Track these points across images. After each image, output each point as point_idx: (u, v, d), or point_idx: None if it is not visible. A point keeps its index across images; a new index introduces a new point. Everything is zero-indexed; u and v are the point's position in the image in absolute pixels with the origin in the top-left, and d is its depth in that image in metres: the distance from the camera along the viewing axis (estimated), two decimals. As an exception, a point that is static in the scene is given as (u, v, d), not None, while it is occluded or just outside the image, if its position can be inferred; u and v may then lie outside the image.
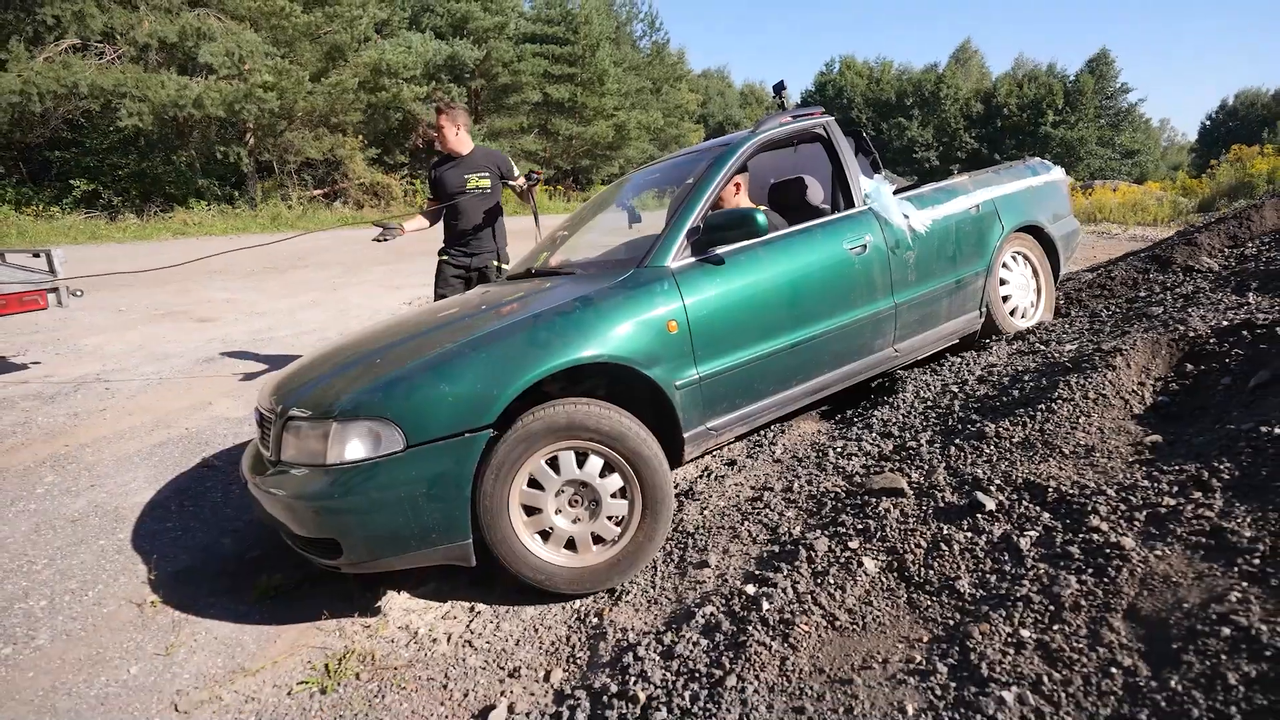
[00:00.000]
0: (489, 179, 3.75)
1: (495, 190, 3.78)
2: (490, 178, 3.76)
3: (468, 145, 3.82)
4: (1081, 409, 2.09)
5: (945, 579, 1.65)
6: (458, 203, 3.71)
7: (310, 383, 2.14)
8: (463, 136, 3.79)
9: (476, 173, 3.75)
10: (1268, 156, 13.81)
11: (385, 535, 1.87)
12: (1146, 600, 1.37)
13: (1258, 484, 1.52)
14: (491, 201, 3.78)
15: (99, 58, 14.12)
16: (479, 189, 3.74)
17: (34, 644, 2.07)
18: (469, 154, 3.80)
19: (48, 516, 2.77)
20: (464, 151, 3.79)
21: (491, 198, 3.77)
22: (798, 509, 2.23)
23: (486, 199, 3.76)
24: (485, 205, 3.76)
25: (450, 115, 3.75)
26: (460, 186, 3.74)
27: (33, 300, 4.09)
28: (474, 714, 1.75)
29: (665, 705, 1.53)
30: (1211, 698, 1.13)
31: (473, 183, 3.74)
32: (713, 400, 2.30)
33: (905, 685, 1.40)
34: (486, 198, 3.76)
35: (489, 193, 3.76)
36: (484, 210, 3.75)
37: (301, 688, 1.89)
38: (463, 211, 3.74)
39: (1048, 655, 1.34)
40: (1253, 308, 2.40)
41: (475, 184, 3.74)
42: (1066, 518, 1.66)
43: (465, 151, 3.80)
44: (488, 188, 3.76)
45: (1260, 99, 46.48)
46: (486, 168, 3.76)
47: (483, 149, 3.87)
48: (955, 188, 3.14)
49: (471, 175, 3.75)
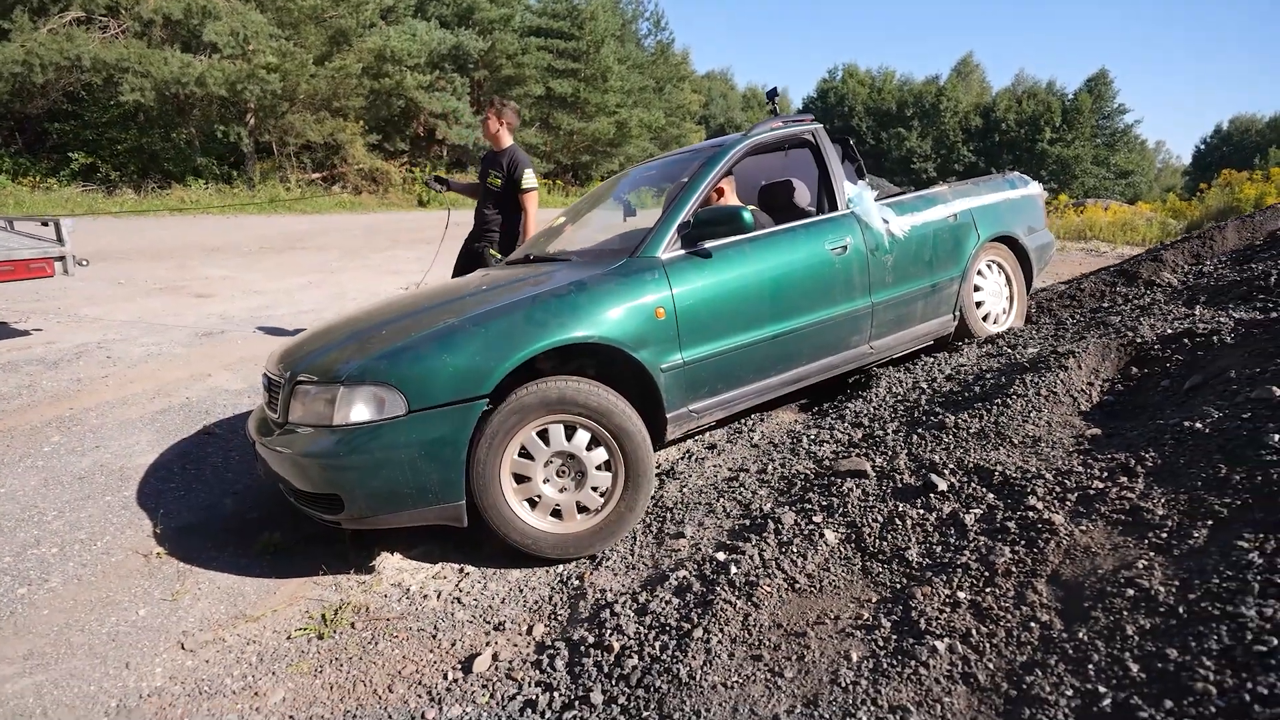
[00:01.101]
0: (501, 180, 4.01)
1: (506, 191, 4.02)
2: (502, 179, 4.01)
3: (503, 142, 4.08)
4: (1034, 404, 2.26)
5: (897, 549, 1.81)
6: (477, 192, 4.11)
7: (318, 350, 2.28)
8: (500, 133, 4.07)
9: (495, 170, 4.05)
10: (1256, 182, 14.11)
11: (385, 493, 2.02)
12: (1068, 567, 1.54)
13: (1176, 471, 1.69)
14: (503, 200, 4.04)
15: (103, 31, 14.12)
16: (493, 186, 4.05)
17: (47, 586, 2.21)
18: (500, 151, 4.08)
19: (55, 473, 2.89)
20: (499, 147, 4.09)
21: (502, 197, 4.03)
22: (770, 488, 2.39)
23: (496, 197, 4.04)
24: (494, 201, 4.04)
25: (495, 110, 4.07)
26: (483, 179, 4.13)
27: (40, 268, 4.18)
28: (460, 660, 1.89)
29: (637, 653, 1.69)
30: (1111, 646, 1.29)
31: (491, 178, 4.06)
32: (695, 384, 2.46)
33: (852, 638, 1.57)
34: (497, 196, 4.04)
35: (498, 192, 4.03)
36: (494, 205, 4.05)
37: (300, 633, 2.03)
38: (481, 202, 4.11)
39: (978, 613, 1.51)
40: (1196, 318, 2.59)
41: (492, 180, 4.05)
42: (1008, 498, 1.83)
43: (500, 147, 4.09)
44: (498, 187, 4.02)
45: (1255, 125, 47.18)
46: (503, 169, 4.01)
47: (512, 149, 4.07)
48: (935, 196, 3.31)
49: (492, 171, 4.06)
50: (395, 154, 20.26)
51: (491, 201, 4.07)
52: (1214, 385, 2.03)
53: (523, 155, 4.06)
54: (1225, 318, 2.54)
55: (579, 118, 25.50)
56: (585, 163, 26.88)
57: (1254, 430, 1.68)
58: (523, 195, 3.99)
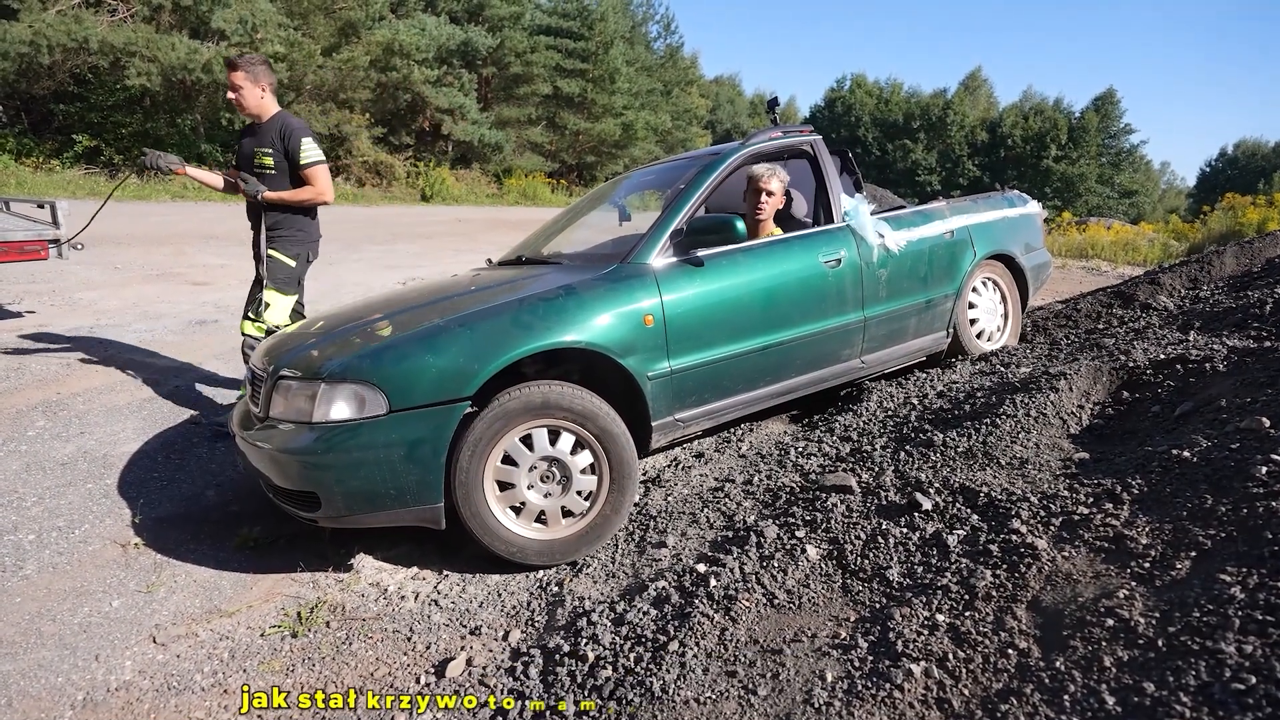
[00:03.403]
0: (274, 158, 3.02)
1: (281, 172, 3.04)
2: (275, 156, 3.02)
3: (267, 110, 3.06)
4: (1023, 425, 2.24)
5: (878, 568, 1.79)
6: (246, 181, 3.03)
7: (301, 346, 2.26)
8: (263, 99, 3.04)
9: (263, 147, 3.03)
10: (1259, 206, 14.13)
11: (362, 492, 2.00)
12: (1049, 594, 1.52)
13: (1162, 499, 1.67)
14: (278, 186, 3.05)
15: (111, 14, 14.10)
16: (264, 168, 3.04)
17: (22, 573, 2.18)
18: (265, 121, 3.06)
19: (38, 458, 2.87)
20: (262, 116, 3.06)
21: (277, 181, 3.05)
22: (755, 500, 2.37)
23: (272, 181, 3.05)
24: (270, 186, 3.04)
25: (245, 70, 2.98)
26: (247, 163, 3.09)
27: (34, 250, 4.16)
28: (434, 664, 1.87)
29: (611, 664, 1.67)
30: (1088, 677, 1.28)
31: (260, 158, 3.04)
32: (682, 393, 2.44)
33: (828, 657, 1.55)
34: (271, 180, 3.05)
35: (274, 174, 3.04)
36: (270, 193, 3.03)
37: (274, 631, 2.00)
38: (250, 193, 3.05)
39: (956, 637, 1.49)
40: (1190, 344, 2.57)
41: (262, 160, 3.04)
42: (992, 520, 1.81)
43: (263, 117, 3.06)
44: (272, 167, 3.03)
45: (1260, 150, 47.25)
46: (275, 143, 3.02)
47: (281, 117, 3.07)
48: (932, 212, 3.30)
49: (259, 150, 3.04)
50: (400, 148, 20.23)
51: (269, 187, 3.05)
52: (1204, 413, 2.01)
53: (297, 121, 3.06)
54: (1219, 345, 2.52)
55: (585, 118, 25.50)
56: (590, 163, 26.87)
57: (1242, 461, 1.66)
58: (305, 172, 3.01)
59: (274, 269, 3.10)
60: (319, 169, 3.05)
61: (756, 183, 2.95)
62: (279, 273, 3.11)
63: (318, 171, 3.05)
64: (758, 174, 2.95)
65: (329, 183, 3.09)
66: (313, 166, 3.03)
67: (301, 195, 3.06)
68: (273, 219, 3.09)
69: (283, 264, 3.11)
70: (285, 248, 3.12)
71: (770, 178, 2.94)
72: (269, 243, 3.10)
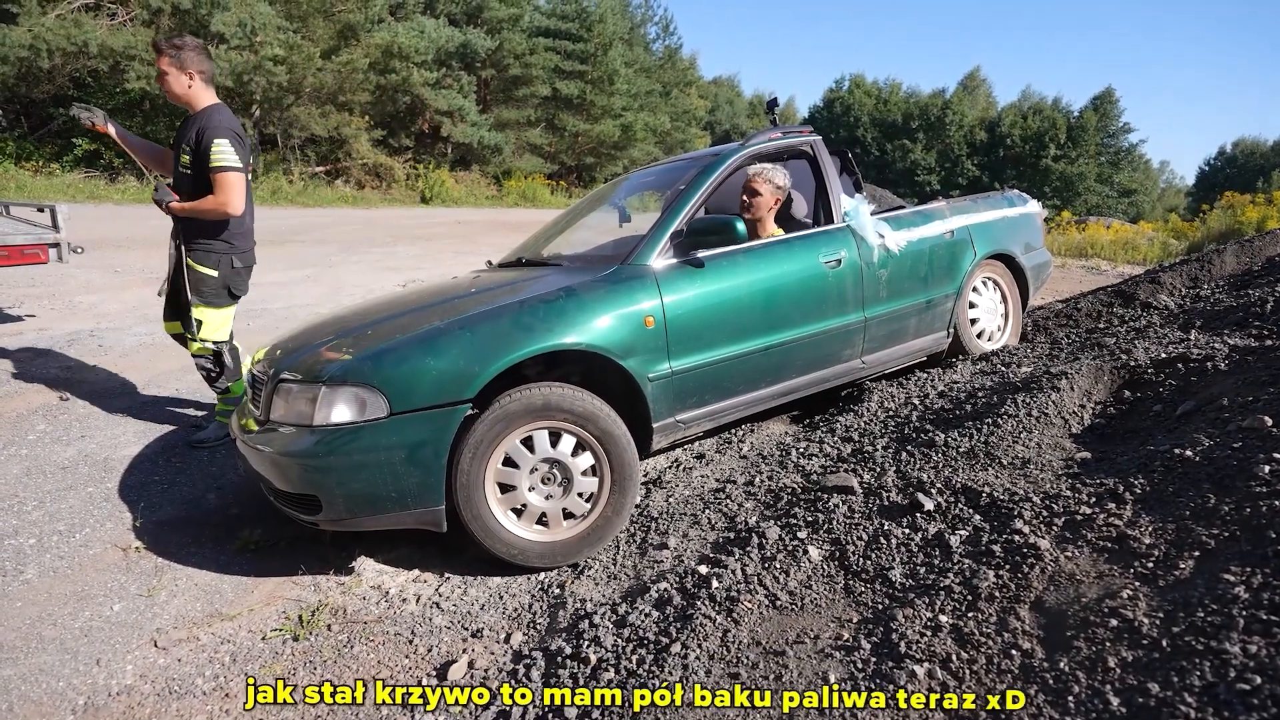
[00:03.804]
0: (190, 155, 2.76)
1: (198, 174, 2.76)
2: (191, 154, 2.76)
3: (198, 101, 2.78)
4: (1024, 425, 2.24)
5: (880, 569, 1.79)
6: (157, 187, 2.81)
7: (303, 349, 2.26)
8: (191, 87, 2.75)
9: (186, 143, 2.77)
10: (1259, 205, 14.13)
11: (363, 495, 1.99)
12: (1052, 594, 1.51)
13: (1165, 499, 1.67)
14: (195, 188, 2.77)
15: (111, 18, 14.12)
16: (183, 168, 2.80)
17: (22, 577, 2.18)
18: (195, 114, 2.79)
19: (38, 462, 2.87)
20: (194, 108, 2.79)
21: (194, 182, 2.77)
22: (756, 501, 2.36)
23: (190, 184, 2.78)
24: (188, 191, 2.79)
25: (171, 55, 2.71)
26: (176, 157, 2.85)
27: (34, 254, 4.17)
28: (436, 668, 1.87)
29: (613, 667, 1.66)
30: (1092, 677, 1.27)
31: (181, 155, 2.80)
32: (683, 394, 2.44)
33: (831, 658, 1.54)
34: (190, 182, 2.78)
35: (190, 175, 2.78)
36: (188, 196, 2.79)
37: (275, 634, 2.00)
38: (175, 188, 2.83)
39: (960, 637, 1.48)
40: (1191, 344, 2.57)
41: (181, 157, 2.80)
42: (995, 520, 1.81)
43: (195, 108, 2.79)
44: (188, 167, 2.78)
45: (1259, 149, 47.24)
46: (192, 139, 2.75)
47: (209, 112, 2.77)
48: (932, 212, 3.30)
49: (183, 145, 2.78)
50: (399, 150, 20.24)
51: (185, 190, 2.79)
52: (1206, 412, 2.01)
53: (222, 118, 2.73)
54: (1220, 344, 2.52)
55: (584, 119, 25.50)
56: (589, 164, 26.87)
57: (1244, 460, 1.66)
58: (213, 177, 2.68)
59: (195, 282, 2.82)
60: (229, 176, 2.69)
61: (747, 183, 2.96)
62: (202, 286, 2.83)
63: (226, 179, 2.69)
64: (747, 174, 2.96)
65: (238, 194, 2.72)
66: (223, 172, 2.68)
67: (201, 206, 2.74)
68: (189, 224, 2.82)
69: (204, 276, 2.83)
70: (203, 258, 2.83)
71: (758, 178, 2.94)
72: (187, 252, 2.82)
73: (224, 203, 2.71)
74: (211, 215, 2.77)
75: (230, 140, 2.70)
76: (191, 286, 2.84)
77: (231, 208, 2.72)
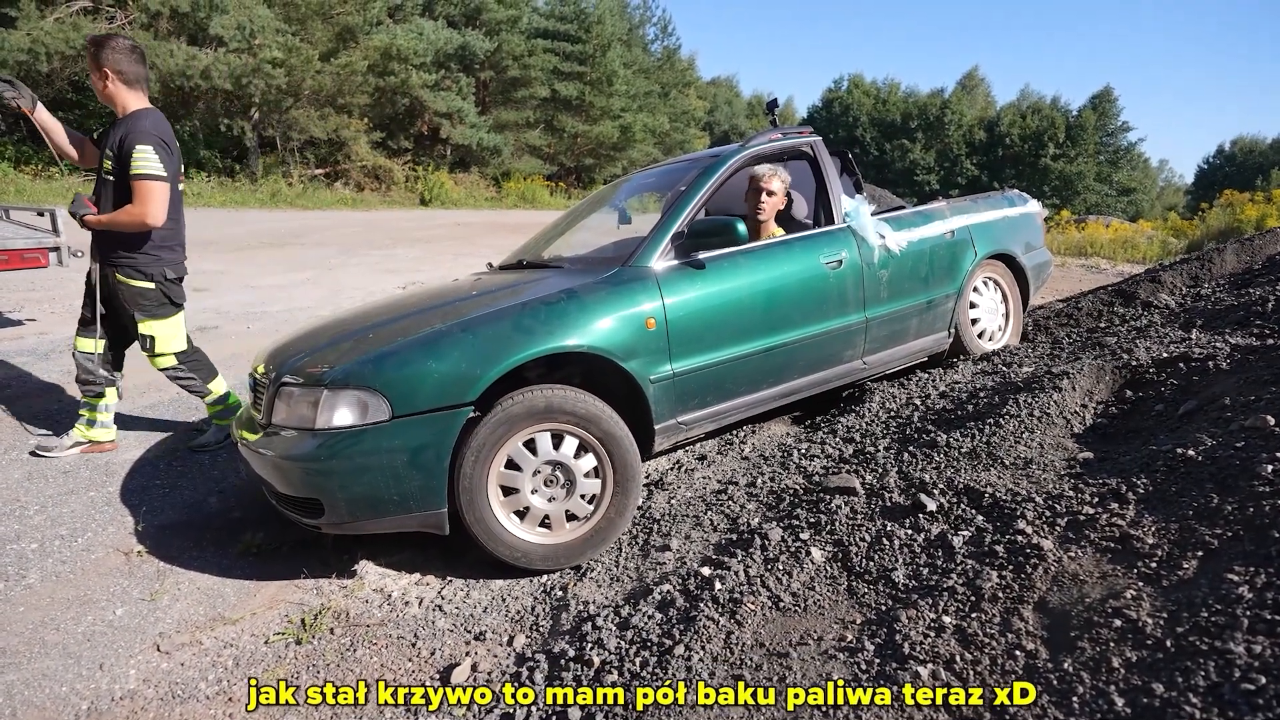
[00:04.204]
0: (111, 161, 2.63)
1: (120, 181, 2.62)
2: (114, 161, 2.62)
3: (123, 103, 2.65)
4: (1026, 425, 2.24)
5: (883, 570, 1.79)
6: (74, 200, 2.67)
7: (304, 352, 2.26)
8: (114, 89, 2.62)
9: (108, 147, 2.63)
10: (1258, 203, 14.14)
11: (366, 498, 1.99)
12: (1055, 595, 1.51)
13: (1167, 498, 1.67)
14: (117, 196, 2.65)
15: (109, 21, 14.13)
16: (105, 173, 2.66)
17: (25, 582, 2.18)
18: (123, 117, 2.65)
19: (40, 466, 2.87)
20: (122, 111, 2.65)
21: (115, 190, 2.65)
22: (758, 502, 2.36)
23: (113, 190, 2.66)
24: (111, 198, 2.66)
25: (92, 55, 2.60)
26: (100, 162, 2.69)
27: (34, 258, 4.17)
28: (439, 670, 1.87)
29: (617, 669, 1.66)
30: (1096, 678, 1.27)
31: (105, 161, 2.66)
32: (685, 396, 2.44)
33: (835, 660, 1.54)
34: (113, 189, 2.66)
35: (112, 181, 2.65)
36: (111, 204, 2.66)
37: (278, 638, 2.00)
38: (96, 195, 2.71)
39: (963, 638, 1.48)
40: (1192, 343, 2.57)
41: (103, 163, 2.67)
42: (997, 520, 1.81)
43: (124, 111, 2.65)
44: (109, 172, 2.64)
45: (1258, 147, 47.28)
46: (116, 146, 2.61)
47: (134, 117, 2.63)
48: (932, 212, 3.30)
49: (107, 150, 2.64)
50: (399, 152, 20.26)
51: (107, 199, 2.65)
52: (1208, 411, 2.01)
53: (147, 123, 2.60)
54: (1221, 343, 2.52)
55: (583, 121, 25.52)
56: (589, 166, 26.89)
57: (1247, 460, 1.66)
58: (133, 184, 2.54)
59: (133, 298, 2.73)
60: (149, 185, 2.54)
61: (757, 182, 2.96)
62: (141, 300, 2.73)
63: (146, 188, 2.54)
64: (759, 174, 2.96)
65: (158, 203, 2.56)
66: (142, 180, 2.54)
67: (119, 219, 2.59)
68: (109, 238, 2.68)
69: (140, 290, 2.72)
70: (132, 273, 2.70)
71: (771, 178, 2.94)
72: (114, 270, 2.70)
73: (142, 213, 2.56)
74: (130, 227, 2.61)
75: (154, 147, 2.56)
76: (131, 303, 2.73)
77: (150, 218, 2.57)
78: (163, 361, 2.87)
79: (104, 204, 2.67)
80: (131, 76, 2.64)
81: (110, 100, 2.65)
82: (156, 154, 2.56)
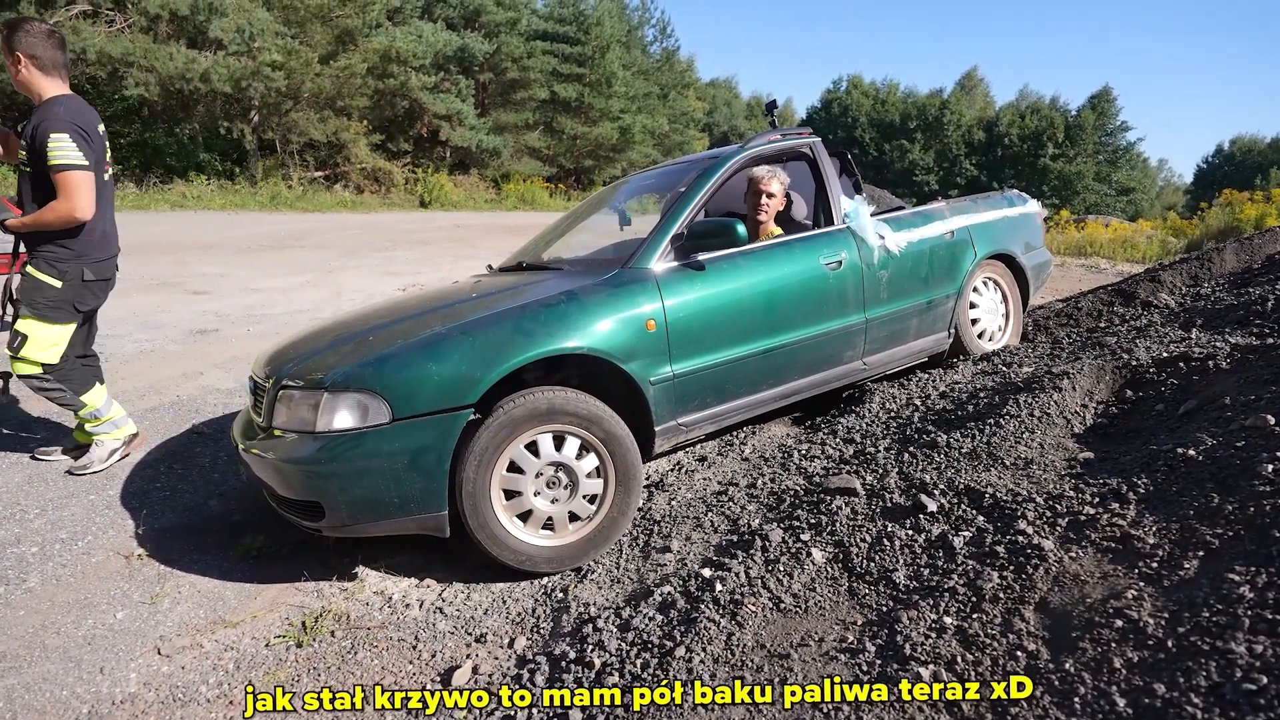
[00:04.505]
0: (28, 152, 2.47)
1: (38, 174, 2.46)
2: (29, 152, 2.46)
3: (39, 90, 2.48)
4: (1027, 425, 2.24)
5: (884, 570, 1.79)
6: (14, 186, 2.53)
7: (304, 355, 2.26)
8: (29, 76, 2.46)
9: (25, 138, 2.47)
10: (1257, 202, 14.14)
11: (366, 501, 1.99)
12: (1056, 595, 1.51)
13: (1168, 498, 1.67)
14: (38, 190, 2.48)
15: (109, 25, 14.13)
16: (23, 165, 2.50)
17: (25, 586, 2.18)
18: (39, 105, 2.48)
19: (40, 470, 2.87)
20: (38, 99, 2.49)
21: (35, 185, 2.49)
22: (759, 503, 2.36)
23: (31, 184, 2.50)
24: (30, 193, 2.50)
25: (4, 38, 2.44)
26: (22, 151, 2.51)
27: (34, 261, 4.15)
28: (440, 673, 1.87)
29: (618, 671, 1.66)
30: (1098, 678, 1.27)
31: (20, 152, 2.51)
32: (685, 397, 2.44)
33: (836, 661, 1.54)
34: (31, 182, 2.50)
35: (31, 174, 2.49)
36: (32, 200, 2.50)
37: (279, 641, 2.00)
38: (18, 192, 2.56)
39: (964, 639, 1.48)
40: (1192, 342, 2.57)
41: (20, 154, 2.52)
42: (998, 521, 1.81)
43: (39, 99, 2.48)
44: (27, 164, 2.48)
45: (1256, 146, 47.29)
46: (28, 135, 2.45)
47: (48, 105, 2.45)
48: (932, 213, 3.30)
49: (22, 141, 2.49)
50: (398, 154, 20.27)
51: (26, 193, 2.51)
52: (1208, 411, 2.01)
53: (60, 111, 2.42)
54: (1221, 342, 2.52)
55: (583, 122, 25.52)
56: (588, 167, 26.90)
57: (1247, 459, 1.66)
58: (53, 177, 2.39)
59: (30, 289, 2.48)
60: (71, 176, 2.38)
61: (757, 184, 2.96)
62: (37, 295, 2.48)
63: (68, 179, 2.37)
64: (758, 175, 2.96)
65: (84, 195, 2.40)
66: (63, 171, 2.37)
67: (43, 218, 2.42)
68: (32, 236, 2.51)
69: (42, 284, 2.49)
70: (44, 266, 2.49)
71: (771, 179, 2.94)
72: (30, 260, 2.51)
73: (69, 208, 2.39)
74: (58, 225, 2.44)
75: (70, 134, 2.38)
76: (25, 295, 2.50)
77: (79, 211, 2.40)
78: (23, 368, 2.57)
79: (25, 201, 2.51)
80: (47, 62, 2.47)
81: (25, 88, 2.49)
82: (73, 141, 2.40)
